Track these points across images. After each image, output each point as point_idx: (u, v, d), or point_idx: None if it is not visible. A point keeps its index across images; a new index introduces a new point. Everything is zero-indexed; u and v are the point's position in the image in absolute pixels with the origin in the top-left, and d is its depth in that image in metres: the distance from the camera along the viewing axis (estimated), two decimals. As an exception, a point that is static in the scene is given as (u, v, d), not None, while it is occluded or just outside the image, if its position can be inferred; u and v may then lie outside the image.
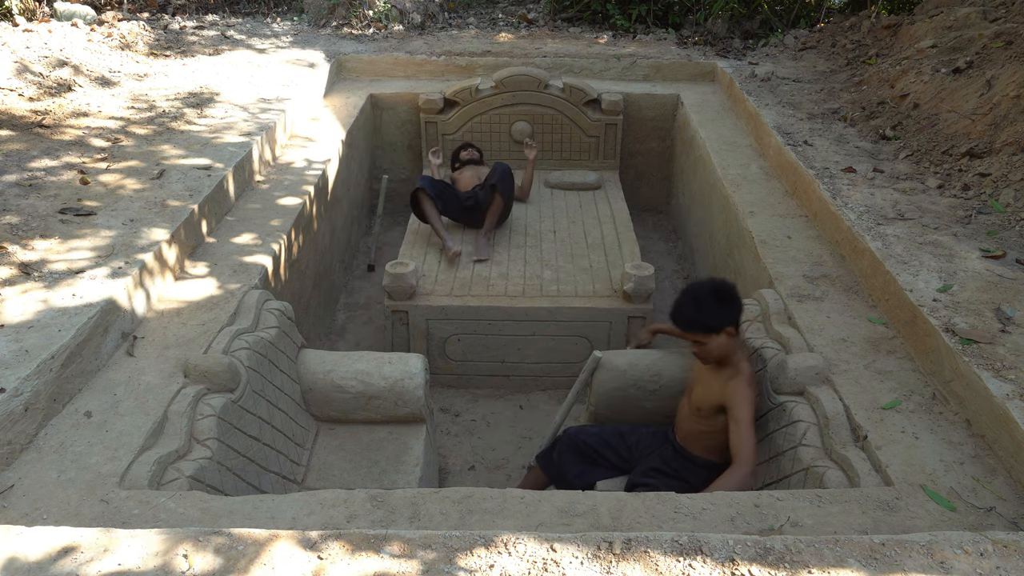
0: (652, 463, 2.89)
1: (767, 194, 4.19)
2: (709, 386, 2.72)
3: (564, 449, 3.07)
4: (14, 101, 4.44)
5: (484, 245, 4.57)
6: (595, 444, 3.03)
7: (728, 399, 2.61)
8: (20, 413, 2.19)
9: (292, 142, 4.94)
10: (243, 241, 3.57)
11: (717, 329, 2.63)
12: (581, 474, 3.02)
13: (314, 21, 7.69)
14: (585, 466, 3.02)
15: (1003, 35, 4.59)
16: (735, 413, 2.56)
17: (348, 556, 1.68)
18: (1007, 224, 3.24)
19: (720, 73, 6.17)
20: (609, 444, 3.03)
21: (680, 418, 2.93)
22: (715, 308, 2.64)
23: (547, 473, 3.14)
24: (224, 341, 2.72)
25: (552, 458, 3.11)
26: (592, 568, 1.64)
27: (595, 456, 3.02)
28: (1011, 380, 2.27)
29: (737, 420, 2.55)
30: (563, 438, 3.11)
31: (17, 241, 3.00)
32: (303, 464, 2.95)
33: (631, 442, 3.02)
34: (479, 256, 4.48)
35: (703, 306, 2.65)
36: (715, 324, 2.63)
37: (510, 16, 8.29)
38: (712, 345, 2.66)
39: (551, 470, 3.11)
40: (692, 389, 2.86)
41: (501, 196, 4.62)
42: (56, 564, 1.66)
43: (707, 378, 2.75)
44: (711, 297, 2.66)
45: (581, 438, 3.05)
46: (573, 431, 3.10)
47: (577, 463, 3.03)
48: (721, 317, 2.63)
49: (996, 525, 1.99)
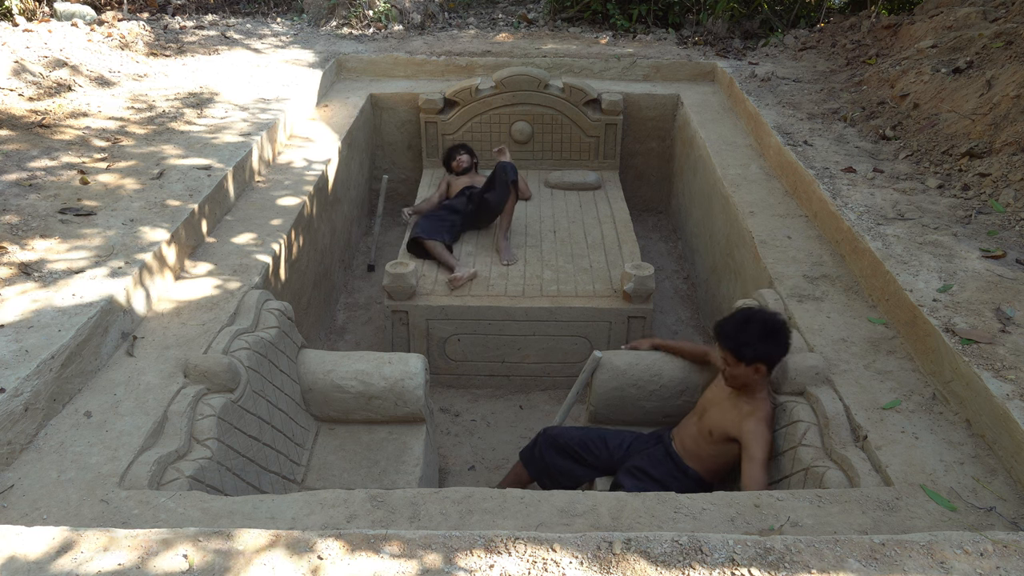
0: (637, 462, 2.87)
1: (767, 194, 4.19)
2: (725, 414, 2.67)
3: (546, 448, 3.07)
4: (14, 101, 4.44)
5: (507, 248, 4.56)
6: (576, 446, 3.03)
7: (744, 436, 2.56)
8: (20, 413, 2.19)
9: (292, 142, 4.94)
10: (243, 241, 3.57)
11: (747, 359, 2.56)
12: (566, 470, 3.02)
13: (314, 21, 7.69)
14: (569, 462, 3.03)
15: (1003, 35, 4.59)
16: (751, 451, 2.51)
17: (348, 556, 1.68)
18: (1007, 224, 3.24)
19: (720, 73, 6.17)
20: (589, 447, 3.02)
21: (684, 431, 2.89)
22: (755, 339, 2.55)
23: (529, 470, 3.14)
24: (224, 341, 2.72)
25: (534, 455, 3.11)
26: (592, 568, 1.64)
27: (577, 456, 3.03)
28: (1011, 380, 2.27)
29: (752, 458, 2.50)
30: (543, 437, 3.10)
31: (17, 241, 3.00)
32: (303, 464, 2.95)
33: (613, 446, 3.01)
34: (507, 261, 4.46)
35: (746, 331, 2.57)
36: (748, 354, 2.55)
37: (510, 16, 8.29)
38: (738, 372, 2.60)
39: (533, 466, 3.12)
40: (705, 410, 2.80)
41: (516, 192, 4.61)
42: (55, 563, 1.66)
43: (725, 405, 2.69)
44: (759, 327, 2.58)
45: (562, 440, 3.05)
46: (555, 432, 3.10)
47: (560, 460, 3.04)
48: (756, 350, 2.55)
49: (996, 525, 1.99)
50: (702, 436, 2.76)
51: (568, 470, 3.03)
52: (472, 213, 4.77)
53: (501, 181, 4.58)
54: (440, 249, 4.44)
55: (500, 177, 4.58)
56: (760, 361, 2.56)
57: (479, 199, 4.71)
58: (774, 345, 2.58)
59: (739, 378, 2.61)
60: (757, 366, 2.56)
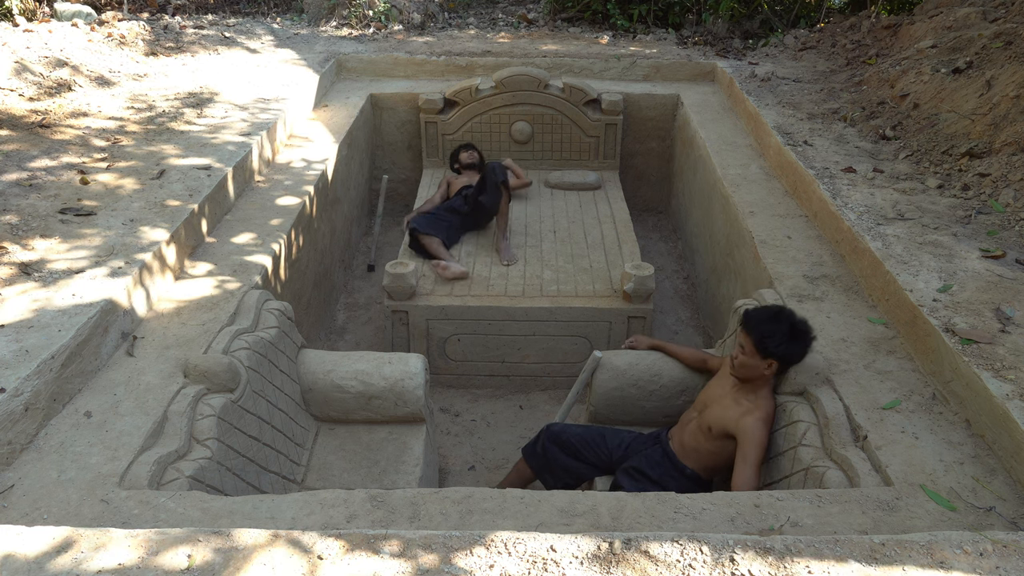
0: (636, 463, 2.87)
1: (767, 194, 4.19)
2: (726, 410, 2.68)
3: (548, 444, 3.08)
4: (14, 101, 4.44)
5: (506, 248, 4.56)
6: (577, 443, 3.04)
7: (741, 435, 2.57)
8: (20, 413, 2.19)
9: (292, 142, 4.94)
10: (243, 241, 3.57)
11: (766, 352, 2.58)
12: (567, 466, 3.03)
13: (314, 21, 7.69)
14: (571, 459, 3.04)
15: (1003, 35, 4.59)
16: (746, 451, 2.53)
17: (348, 556, 1.68)
18: (1007, 224, 3.24)
19: (720, 73, 6.17)
20: (590, 445, 3.03)
21: (682, 430, 2.89)
22: (781, 335, 2.57)
23: (531, 465, 3.16)
24: (224, 341, 2.72)
25: (536, 451, 3.12)
26: (592, 568, 1.64)
27: (578, 454, 3.04)
28: (1011, 380, 2.27)
29: (746, 459, 2.51)
30: (545, 432, 3.11)
31: (17, 241, 3.00)
32: (303, 464, 2.95)
33: (613, 445, 3.01)
34: (508, 261, 4.47)
35: (775, 324, 2.60)
36: (769, 346, 2.57)
37: (510, 16, 8.29)
38: (751, 362, 2.61)
39: (535, 462, 3.13)
40: (706, 406, 2.81)
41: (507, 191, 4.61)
42: (55, 563, 1.66)
43: (726, 401, 2.70)
44: (788, 325, 2.60)
45: (565, 436, 3.06)
46: (557, 428, 3.11)
47: (562, 456, 3.05)
48: (778, 346, 2.57)
49: (996, 525, 1.99)
50: (701, 432, 2.76)
51: (569, 466, 3.03)
52: (469, 214, 4.77)
53: (491, 183, 4.59)
54: (436, 245, 4.47)
55: (490, 179, 4.60)
56: (776, 358, 2.59)
57: (474, 201, 4.72)
58: (796, 347, 2.60)
59: (748, 369, 2.63)
60: (771, 362, 2.59)
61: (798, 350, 2.61)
